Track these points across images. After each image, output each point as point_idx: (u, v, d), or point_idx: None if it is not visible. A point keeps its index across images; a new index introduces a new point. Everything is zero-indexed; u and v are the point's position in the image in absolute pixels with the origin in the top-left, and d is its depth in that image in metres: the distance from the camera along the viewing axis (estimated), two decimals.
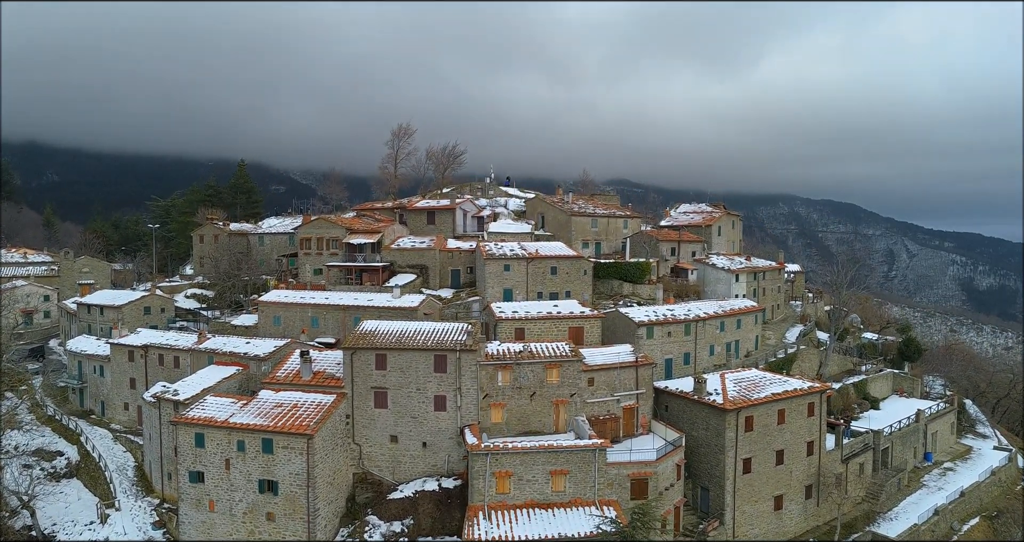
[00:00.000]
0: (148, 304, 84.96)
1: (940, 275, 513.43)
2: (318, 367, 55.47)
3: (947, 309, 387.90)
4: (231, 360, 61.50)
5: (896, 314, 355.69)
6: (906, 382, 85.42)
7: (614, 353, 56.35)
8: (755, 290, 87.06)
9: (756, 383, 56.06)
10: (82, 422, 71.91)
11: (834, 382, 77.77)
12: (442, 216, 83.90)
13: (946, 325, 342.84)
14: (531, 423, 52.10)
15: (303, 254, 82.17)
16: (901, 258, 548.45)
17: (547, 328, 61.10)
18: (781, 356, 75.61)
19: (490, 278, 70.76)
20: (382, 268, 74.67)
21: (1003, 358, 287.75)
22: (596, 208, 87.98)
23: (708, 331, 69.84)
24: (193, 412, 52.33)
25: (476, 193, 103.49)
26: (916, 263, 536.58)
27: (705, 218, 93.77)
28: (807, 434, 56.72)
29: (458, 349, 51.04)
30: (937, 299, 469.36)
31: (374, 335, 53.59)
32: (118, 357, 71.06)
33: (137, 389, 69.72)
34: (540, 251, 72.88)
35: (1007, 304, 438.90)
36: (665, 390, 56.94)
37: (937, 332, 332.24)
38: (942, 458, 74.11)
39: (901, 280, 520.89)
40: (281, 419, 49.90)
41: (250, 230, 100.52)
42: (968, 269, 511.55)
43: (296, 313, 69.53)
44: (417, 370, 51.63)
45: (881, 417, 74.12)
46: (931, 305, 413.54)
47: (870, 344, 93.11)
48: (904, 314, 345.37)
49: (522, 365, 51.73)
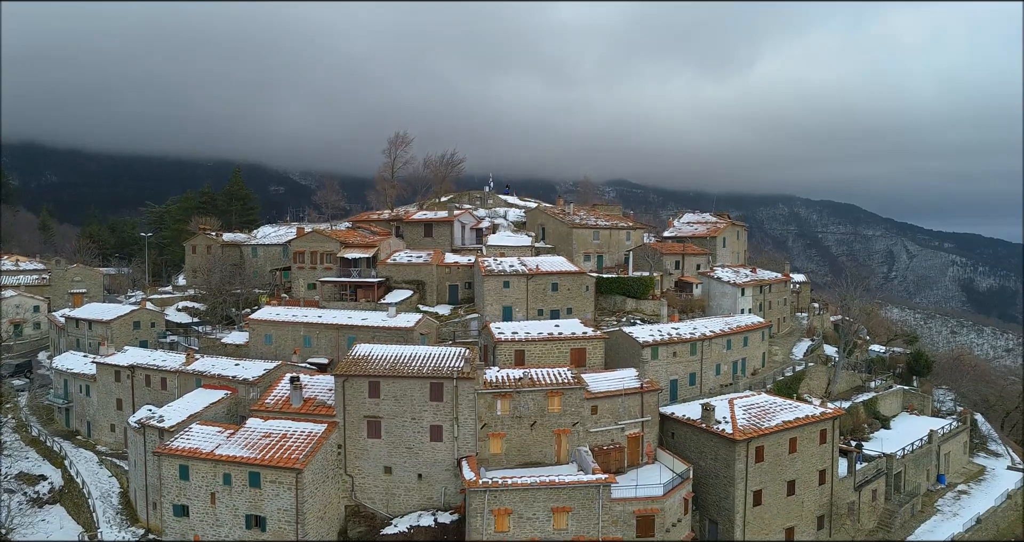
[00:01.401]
0: (138, 318, 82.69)
1: (940, 276, 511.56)
2: (309, 393, 53.13)
3: (947, 311, 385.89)
4: (219, 383, 59.10)
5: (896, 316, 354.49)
6: (916, 399, 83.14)
7: (618, 378, 53.98)
8: (761, 304, 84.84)
9: (766, 410, 53.74)
10: (67, 444, 69.50)
11: (843, 400, 75.53)
12: (440, 229, 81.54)
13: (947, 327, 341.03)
14: (531, 454, 49.76)
15: (296, 268, 79.82)
16: (901, 259, 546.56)
17: (548, 350, 58.81)
18: (789, 374, 73.31)
19: (489, 295, 68.42)
20: (377, 284, 72.30)
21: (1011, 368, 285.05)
22: (598, 219, 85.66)
23: (714, 350, 67.53)
24: (178, 442, 49.99)
25: (475, 203, 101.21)
26: (916, 264, 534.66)
27: (710, 229, 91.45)
28: (819, 462, 54.40)
29: (455, 377, 48.68)
30: (937, 300, 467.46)
31: (367, 361, 51.23)
32: (104, 377, 68.70)
33: (124, 410, 67.34)
34: (540, 267, 70.56)
35: (1007, 305, 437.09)
36: (671, 417, 54.59)
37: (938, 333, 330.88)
38: (955, 479, 71.82)
39: (901, 281, 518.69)
40: (269, 451, 47.58)
41: (243, 241, 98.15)
42: (968, 270, 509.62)
43: (288, 332, 67.18)
44: (412, 398, 49.27)
45: (892, 437, 71.86)
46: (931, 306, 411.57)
47: (879, 358, 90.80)
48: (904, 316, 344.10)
49: (522, 393, 49.38)
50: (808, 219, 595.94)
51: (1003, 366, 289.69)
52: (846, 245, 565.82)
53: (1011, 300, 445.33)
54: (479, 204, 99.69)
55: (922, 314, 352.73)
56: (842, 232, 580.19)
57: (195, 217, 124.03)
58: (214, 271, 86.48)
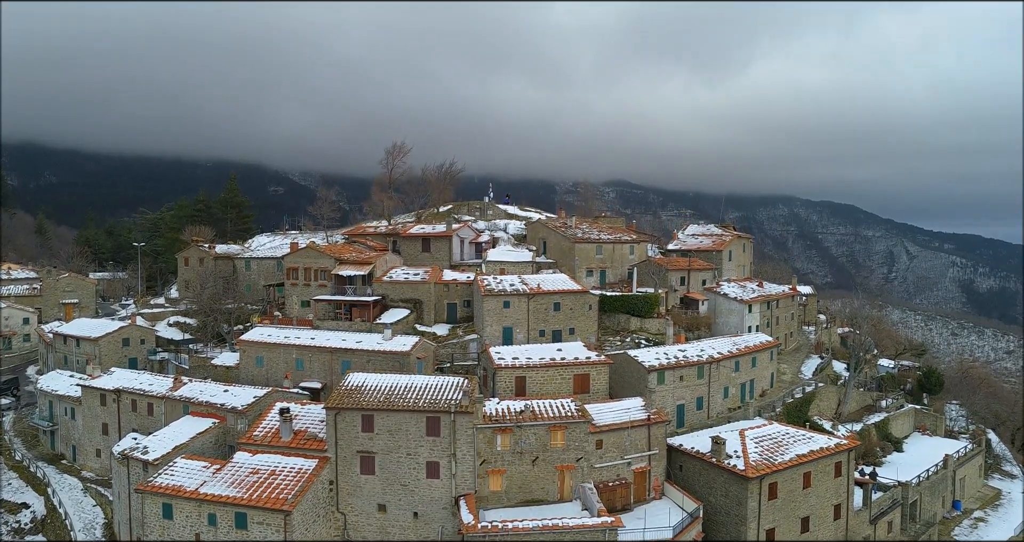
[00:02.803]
0: (127, 335, 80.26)
1: (940, 277, 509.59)
2: (300, 424, 50.66)
3: (948, 312, 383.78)
4: (207, 411, 56.62)
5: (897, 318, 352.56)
6: (928, 419, 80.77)
7: (624, 409, 51.53)
8: (768, 320, 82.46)
9: (779, 442, 51.33)
10: (51, 469, 67.09)
11: (854, 422, 73.27)
12: (438, 244, 79.02)
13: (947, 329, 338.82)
14: (533, 491, 47.30)
15: (290, 284, 77.37)
16: (901, 260, 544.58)
17: (550, 376, 56.34)
18: (799, 396, 70.93)
19: (488, 315, 65.95)
20: (373, 303, 69.82)
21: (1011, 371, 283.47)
22: (600, 233, 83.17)
23: (722, 373, 65.10)
24: (161, 478, 47.52)
25: (475, 214, 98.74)
26: (916, 265, 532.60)
27: (715, 242, 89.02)
28: (834, 496, 52.05)
29: (453, 411, 46.22)
30: (937, 301, 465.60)
31: (360, 392, 48.77)
32: (89, 400, 66.24)
33: (110, 435, 64.94)
34: (542, 286, 68.08)
35: (1007, 306, 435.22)
36: (679, 448, 52.18)
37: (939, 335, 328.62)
38: (971, 505, 69.57)
39: (901, 282, 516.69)
40: (257, 490, 45.12)
41: (236, 253, 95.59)
42: (968, 271, 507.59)
43: (280, 354, 64.69)
44: (408, 433, 46.82)
45: (906, 461, 69.64)
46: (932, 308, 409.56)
47: (889, 375, 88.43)
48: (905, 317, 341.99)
49: (524, 428, 46.91)
50: (808, 220, 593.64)
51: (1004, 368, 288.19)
52: (846, 246, 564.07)
53: (1011, 301, 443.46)
54: (479, 215, 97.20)
55: (922, 316, 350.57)
56: (842, 233, 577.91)
57: (189, 226, 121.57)
58: (205, 286, 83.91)
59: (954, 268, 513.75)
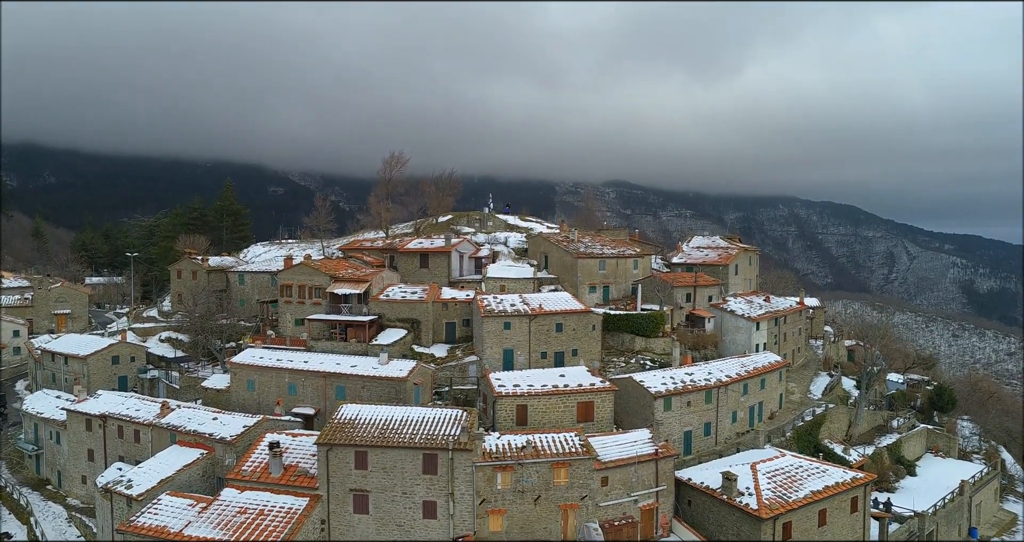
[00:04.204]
0: (117, 353, 78.15)
1: (940, 278, 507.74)
2: (291, 458, 48.35)
3: (948, 313, 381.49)
4: (195, 440, 54.25)
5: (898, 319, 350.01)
6: (941, 439, 78.51)
7: (630, 442, 49.20)
8: (776, 336, 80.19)
9: (792, 477, 49.01)
10: (36, 496, 64.79)
11: (865, 445, 71.13)
12: (436, 259, 76.66)
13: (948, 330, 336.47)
14: (535, 531, 45.02)
15: (284, 301, 75.06)
16: (901, 260, 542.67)
17: (552, 405, 54.01)
18: (809, 418, 68.61)
19: (488, 337, 63.58)
20: (369, 323, 67.45)
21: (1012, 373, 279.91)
22: (604, 247, 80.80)
23: (731, 397, 62.85)
24: (144, 518, 45.22)
25: (474, 225, 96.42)
26: (916, 265, 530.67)
27: (721, 256, 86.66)
28: (850, 533, 49.75)
29: (451, 448, 43.95)
30: (937, 302, 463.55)
31: (353, 427, 46.46)
32: (75, 425, 63.85)
33: (95, 462, 62.58)
34: (544, 306, 65.71)
35: (1008, 307, 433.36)
36: (688, 482, 49.85)
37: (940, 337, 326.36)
38: (987, 531, 67.27)
39: (901, 282, 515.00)
40: (244, 531, 42.79)
41: (230, 266, 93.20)
42: (968, 272, 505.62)
43: (272, 378, 62.31)
44: (403, 471, 44.55)
45: (920, 487, 67.48)
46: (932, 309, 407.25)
47: (899, 393, 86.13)
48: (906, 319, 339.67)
49: (525, 465, 44.64)
50: (808, 220, 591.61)
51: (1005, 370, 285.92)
52: (847, 246, 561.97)
53: (1012, 302, 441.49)
54: (478, 226, 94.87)
55: (923, 317, 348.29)
56: (842, 233, 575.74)
57: (184, 235, 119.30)
58: (198, 302, 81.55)
59: (954, 269, 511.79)
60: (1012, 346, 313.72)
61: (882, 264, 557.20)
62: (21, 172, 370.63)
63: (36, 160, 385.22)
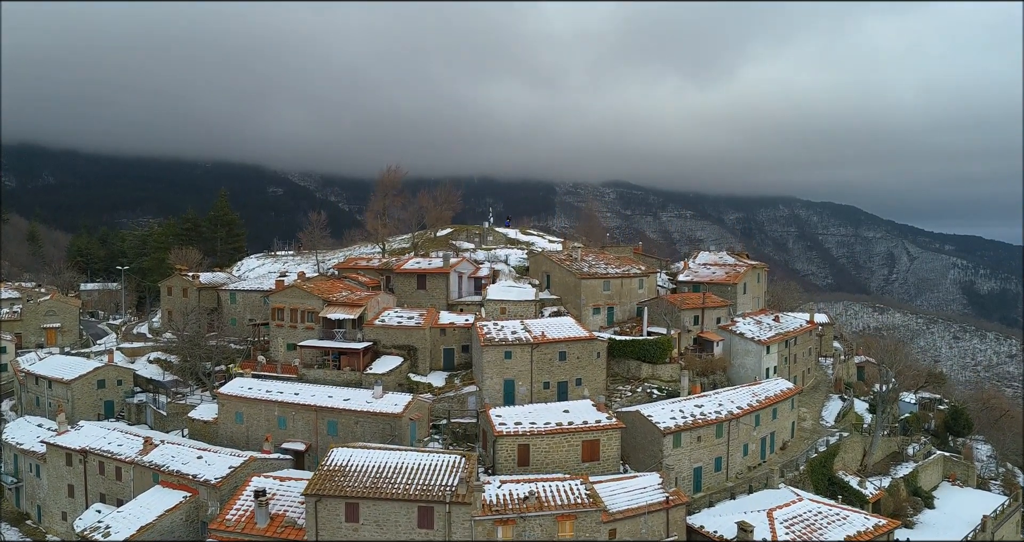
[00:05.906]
0: (103, 376, 75.26)
1: (941, 278, 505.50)
2: (278, 506, 45.48)
3: (949, 315, 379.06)
4: (178, 481, 51.38)
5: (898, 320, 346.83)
6: (959, 467, 75.65)
7: (639, 489, 46.36)
8: (786, 358, 77.40)
9: (811, 525, 46.17)
10: (13, 532, 61.98)
11: (881, 477, 68.30)
12: (434, 281, 73.73)
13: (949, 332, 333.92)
14: None
15: (275, 325, 72.06)
16: (902, 261, 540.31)
17: (556, 444, 51.18)
18: (822, 449, 65.78)
19: (489, 367, 60.69)
20: (364, 350, 64.51)
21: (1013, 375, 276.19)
22: (608, 266, 77.89)
23: (742, 429, 59.96)
24: None
25: (473, 239, 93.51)
26: (917, 266, 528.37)
27: (729, 274, 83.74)
28: None
29: (448, 501, 41.06)
30: (938, 303, 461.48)
31: (344, 475, 43.55)
32: (55, 459, 60.98)
33: (75, 498, 59.78)
34: (547, 333, 62.81)
35: (1008, 308, 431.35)
36: (701, 531, 47.03)
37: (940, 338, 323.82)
38: None
39: (902, 283, 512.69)
40: None
41: (222, 283, 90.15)
42: (969, 272, 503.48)
43: (261, 411, 59.35)
44: (397, 525, 41.68)
45: (939, 521, 64.80)
46: (932, 310, 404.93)
47: (913, 416, 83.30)
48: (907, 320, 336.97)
49: (528, 519, 41.77)
50: (808, 221, 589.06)
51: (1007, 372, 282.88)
52: (847, 247, 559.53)
53: (1012, 303, 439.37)
54: (478, 242, 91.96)
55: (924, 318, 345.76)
56: (843, 234, 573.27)
57: (176, 247, 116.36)
58: (188, 323, 78.63)
59: (955, 269, 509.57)
60: (1013, 348, 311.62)
61: (882, 265, 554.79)
62: (20, 172, 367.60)
63: (35, 160, 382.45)
